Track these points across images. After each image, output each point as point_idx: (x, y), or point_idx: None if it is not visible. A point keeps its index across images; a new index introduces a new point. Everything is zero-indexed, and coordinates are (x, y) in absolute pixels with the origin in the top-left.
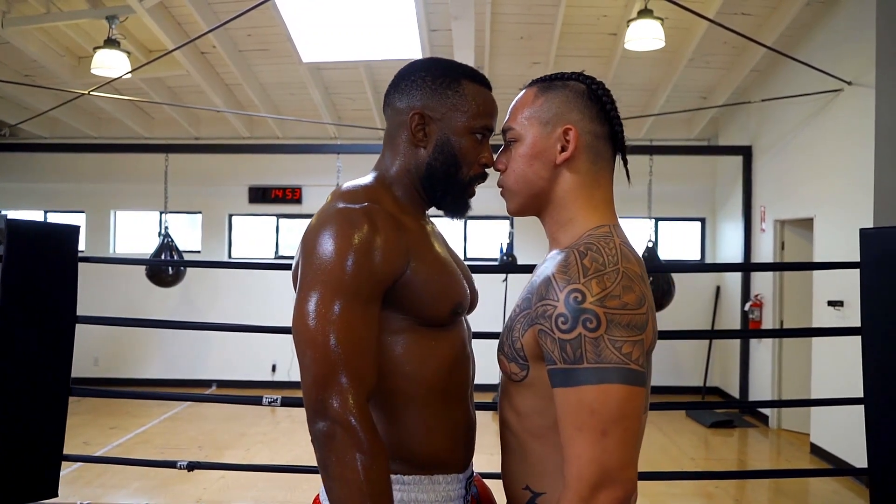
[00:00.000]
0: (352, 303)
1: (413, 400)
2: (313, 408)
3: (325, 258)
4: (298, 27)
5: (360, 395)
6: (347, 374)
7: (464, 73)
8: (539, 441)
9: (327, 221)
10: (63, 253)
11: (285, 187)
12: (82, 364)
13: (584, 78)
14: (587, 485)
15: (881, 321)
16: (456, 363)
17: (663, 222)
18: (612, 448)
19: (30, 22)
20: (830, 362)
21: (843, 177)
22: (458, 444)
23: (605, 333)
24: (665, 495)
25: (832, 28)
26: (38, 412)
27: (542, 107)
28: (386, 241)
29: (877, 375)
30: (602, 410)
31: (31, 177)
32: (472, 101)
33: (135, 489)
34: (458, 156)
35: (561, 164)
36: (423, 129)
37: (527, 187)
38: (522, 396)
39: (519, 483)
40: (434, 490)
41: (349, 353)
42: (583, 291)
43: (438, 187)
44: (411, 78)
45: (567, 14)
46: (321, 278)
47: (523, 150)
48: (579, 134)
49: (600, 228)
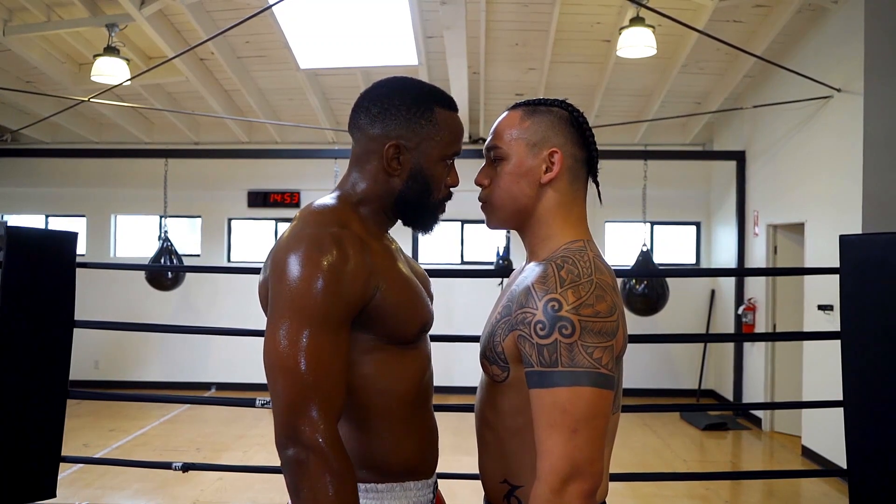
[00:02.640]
0: (322, 330)
1: (385, 414)
2: (284, 434)
3: (294, 284)
4: (296, 34)
5: (331, 421)
6: (318, 400)
7: (435, 100)
8: (517, 437)
9: (297, 246)
10: (61, 259)
11: (284, 191)
12: (83, 367)
13: (566, 105)
14: (559, 477)
15: (860, 326)
16: (422, 378)
17: (659, 226)
18: (581, 444)
19: (31, 30)
20: (820, 366)
21: (833, 182)
22: (426, 452)
23: (578, 339)
24: (657, 497)
25: (822, 36)
26: (36, 414)
27: (529, 129)
28: (355, 266)
29: (856, 379)
30: (573, 410)
31: (32, 181)
32: (445, 129)
33: (134, 490)
34: (430, 183)
35: (545, 183)
36: (398, 159)
37: (512, 203)
38: (503, 396)
39: (497, 477)
40: (406, 496)
41: (319, 380)
42: (559, 300)
43: (410, 212)
44: (383, 104)
45: (561, 21)
46: (291, 305)
47: (510, 168)
48: (563, 156)
49: (575, 243)
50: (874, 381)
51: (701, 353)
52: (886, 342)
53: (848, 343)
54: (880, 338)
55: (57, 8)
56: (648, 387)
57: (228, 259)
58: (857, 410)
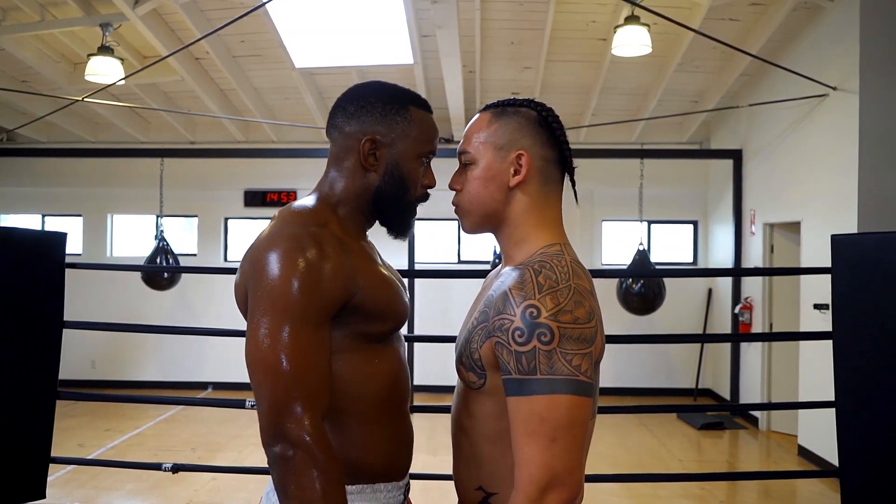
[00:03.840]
0: (303, 326)
1: (358, 415)
2: (270, 432)
3: (274, 283)
4: (291, 33)
5: (316, 416)
6: (302, 397)
7: (410, 100)
8: (493, 445)
9: (276, 245)
10: (51, 259)
11: (280, 191)
12: (80, 367)
13: (535, 105)
14: (536, 487)
15: (851, 326)
16: (397, 377)
17: (656, 225)
18: (560, 453)
19: (25, 29)
20: (817, 365)
21: (829, 181)
22: (399, 454)
23: (557, 346)
24: (652, 497)
25: (818, 34)
26: (25, 415)
27: (496, 132)
28: (334, 265)
29: (847, 379)
30: (552, 419)
31: (29, 181)
32: (420, 127)
33: (128, 491)
34: (406, 179)
35: (514, 186)
36: (375, 153)
37: (481, 207)
38: (479, 403)
39: (472, 484)
40: (377, 498)
41: (302, 377)
42: (538, 307)
43: (387, 210)
44: (360, 103)
45: (556, 19)
46: (272, 303)
47: (478, 172)
48: (531, 158)
49: (552, 247)
50: (865, 380)
51: (698, 352)
52: (878, 342)
53: (839, 343)
54: (872, 338)
55: (51, 7)
56: (645, 386)
57: (225, 258)
58: (849, 410)
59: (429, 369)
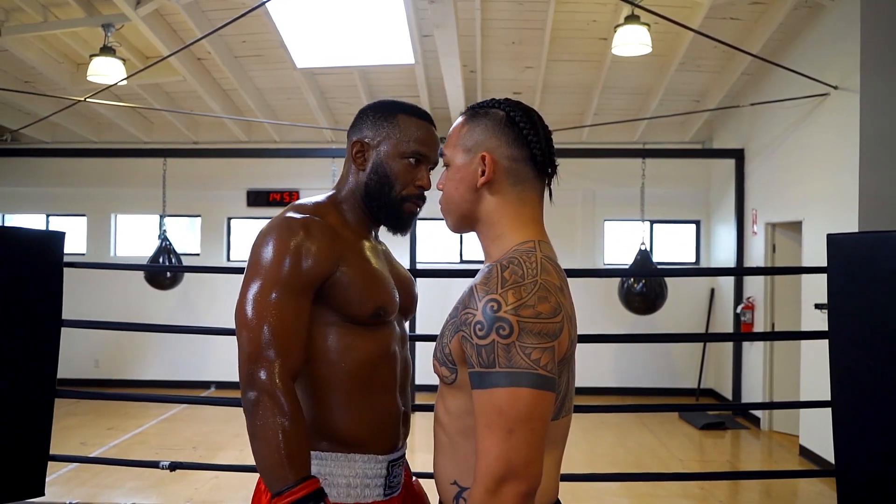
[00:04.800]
0: (283, 293)
1: (336, 386)
2: (244, 380)
3: (264, 257)
4: (292, 34)
5: (285, 370)
6: (275, 350)
7: (401, 109)
8: (467, 439)
9: (269, 228)
10: (50, 259)
11: (283, 191)
12: (83, 366)
13: (505, 105)
14: (493, 478)
15: (847, 326)
16: (380, 359)
17: (659, 224)
18: (517, 446)
19: (28, 30)
20: (817, 365)
21: (830, 180)
22: (379, 430)
23: (516, 340)
24: (651, 496)
25: (818, 33)
26: (23, 413)
27: (466, 135)
28: (319, 247)
29: (843, 378)
30: (510, 411)
31: (32, 181)
32: (404, 130)
33: (129, 489)
34: (389, 176)
35: (481, 187)
36: (363, 154)
37: (455, 208)
38: (452, 397)
39: (448, 478)
40: (350, 467)
41: (277, 334)
42: (499, 301)
43: (374, 204)
44: (361, 115)
45: (557, 19)
46: (259, 273)
47: (451, 174)
48: (496, 159)
49: (526, 244)
50: (861, 380)
51: (700, 351)
52: (873, 342)
53: (836, 342)
54: (867, 337)
55: (53, 8)
56: (647, 386)
57: (228, 258)
58: (845, 410)
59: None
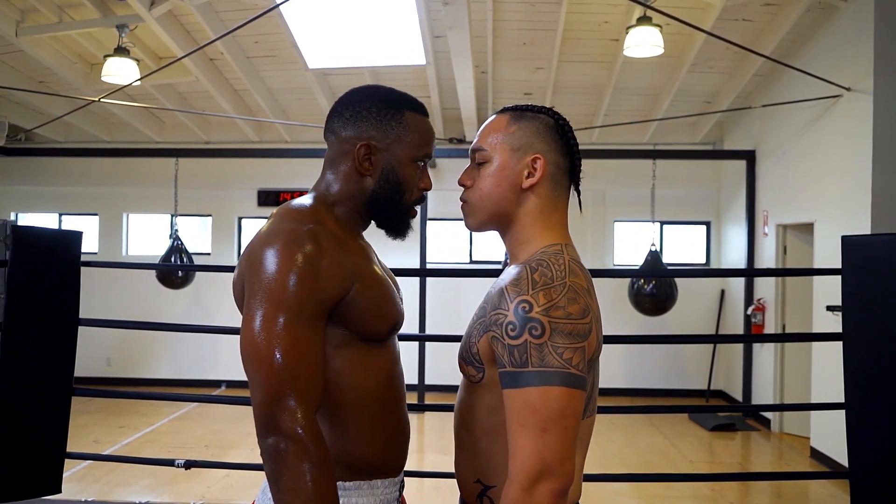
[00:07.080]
0: (298, 321)
1: (355, 410)
2: (264, 423)
3: (271, 277)
4: (304, 34)
5: (309, 410)
6: (295, 390)
7: (405, 104)
8: (492, 438)
9: (273, 240)
10: (67, 258)
11: (293, 190)
12: (96, 364)
13: (553, 113)
14: (528, 476)
15: (861, 327)
16: (392, 376)
17: (669, 225)
18: (551, 444)
19: (43, 31)
20: (829, 366)
21: (842, 182)
22: (395, 451)
23: (548, 340)
24: (661, 497)
25: (832, 35)
26: (41, 411)
27: (514, 134)
28: (331, 261)
29: (857, 380)
30: (543, 410)
31: (46, 180)
32: (415, 131)
33: (142, 486)
34: (402, 183)
35: (526, 188)
36: (370, 159)
37: (492, 205)
38: (479, 397)
39: (471, 476)
40: (373, 494)
41: (297, 370)
42: (530, 302)
43: (383, 213)
44: (355, 108)
45: (568, 20)
46: (268, 297)
47: (492, 171)
48: (546, 163)
49: (553, 247)
50: (875, 382)
51: (710, 353)
52: (888, 343)
53: (850, 344)
54: (882, 339)
55: (68, 9)
56: (657, 387)
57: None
58: (859, 412)
59: (440, 369)
